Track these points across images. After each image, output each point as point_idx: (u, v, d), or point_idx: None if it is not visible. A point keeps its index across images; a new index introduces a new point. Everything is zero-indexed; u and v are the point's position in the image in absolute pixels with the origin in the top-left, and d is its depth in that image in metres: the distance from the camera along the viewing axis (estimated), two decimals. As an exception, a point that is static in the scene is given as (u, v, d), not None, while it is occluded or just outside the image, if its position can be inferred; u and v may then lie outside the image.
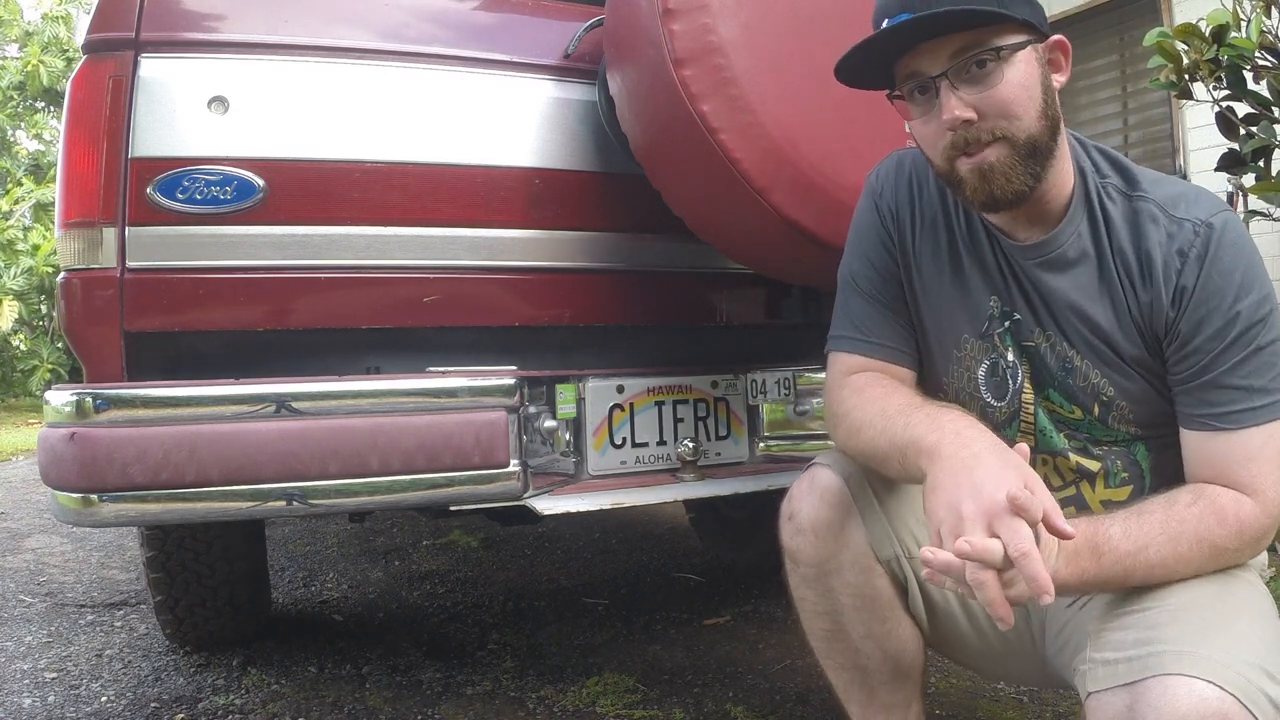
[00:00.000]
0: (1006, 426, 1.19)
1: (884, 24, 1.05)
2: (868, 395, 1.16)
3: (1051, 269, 1.11)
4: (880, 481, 1.20)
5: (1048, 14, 1.09)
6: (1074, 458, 1.16)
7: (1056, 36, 1.07)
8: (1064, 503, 1.17)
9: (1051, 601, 0.87)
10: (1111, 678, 0.91)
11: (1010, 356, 1.16)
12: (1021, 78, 1.03)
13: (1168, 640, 0.90)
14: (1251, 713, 0.84)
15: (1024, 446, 0.98)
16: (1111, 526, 0.97)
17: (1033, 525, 0.88)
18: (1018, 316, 1.15)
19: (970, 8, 0.99)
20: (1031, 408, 1.16)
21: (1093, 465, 1.15)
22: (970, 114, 1.02)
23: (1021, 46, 1.03)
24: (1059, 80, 1.08)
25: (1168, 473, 1.11)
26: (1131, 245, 1.07)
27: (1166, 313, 1.05)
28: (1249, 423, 1.01)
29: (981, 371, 1.19)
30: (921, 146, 1.11)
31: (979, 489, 0.91)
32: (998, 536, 0.88)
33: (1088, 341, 1.10)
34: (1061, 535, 0.90)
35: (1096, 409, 1.12)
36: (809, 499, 1.20)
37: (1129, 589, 1.00)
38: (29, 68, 10.40)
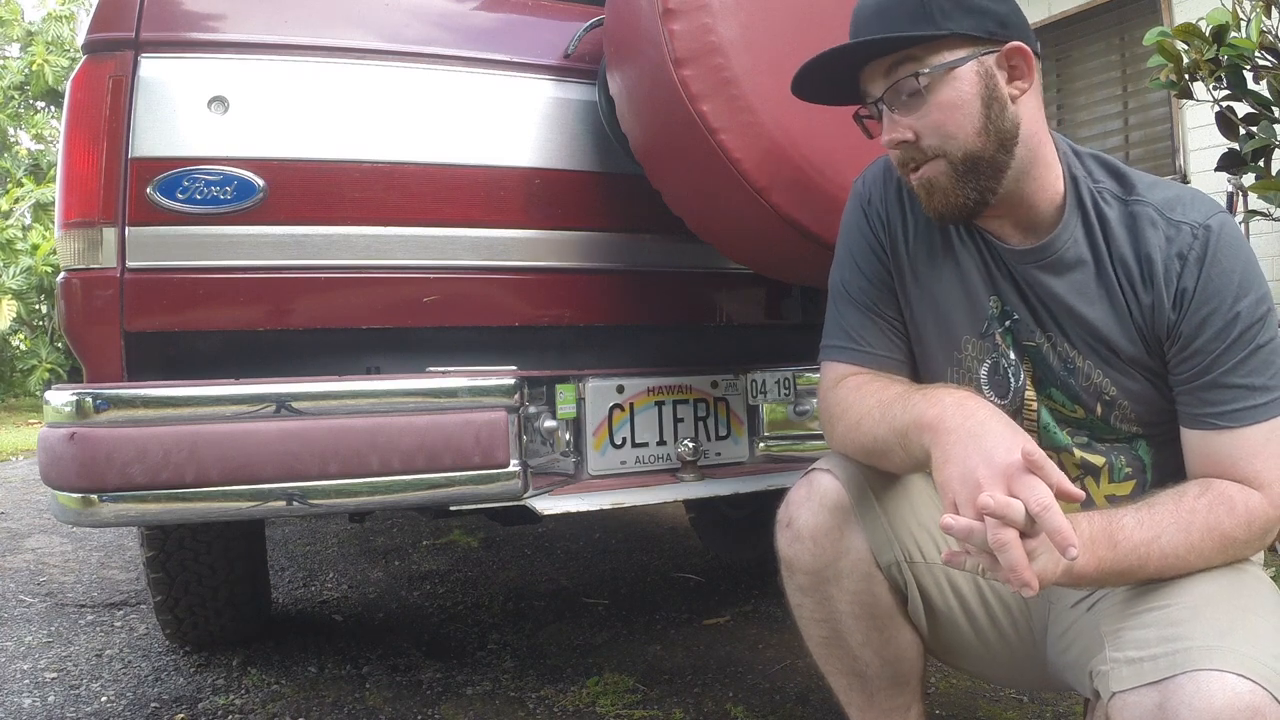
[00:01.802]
0: None
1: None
2: (865, 390, 1.16)
3: (1049, 272, 1.11)
4: (880, 485, 1.19)
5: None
6: (1078, 453, 1.16)
7: (1011, 44, 1.04)
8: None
9: (1076, 556, 0.87)
10: (1137, 676, 0.91)
11: (1012, 355, 1.16)
12: (954, 97, 1.03)
13: (1193, 636, 0.90)
14: None
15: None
16: (1124, 517, 0.98)
17: (1050, 486, 0.89)
18: (1016, 316, 1.15)
19: (885, 35, 1.02)
20: (1034, 404, 1.16)
21: (1097, 460, 1.16)
22: (907, 135, 1.05)
23: (959, 64, 1.03)
24: (1020, 87, 1.06)
25: (1170, 468, 1.12)
26: (1131, 249, 1.08)
27: (1168, 315, 1.05)
28: (1250, 420, 1.02)
29: (984, 371, 1.19)
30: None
31: (990, 454, 0.92)
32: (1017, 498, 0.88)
33: (1088, 343, 1.11)
34: (1071, 498, 0.91)
35: (1099, 409, 1.13)
36: (807, 505, 1.18)
37: (1142, 582, 1.00)
38: (34, 67, 10.40)
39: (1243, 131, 2.10)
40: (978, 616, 1.21)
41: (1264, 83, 2.03)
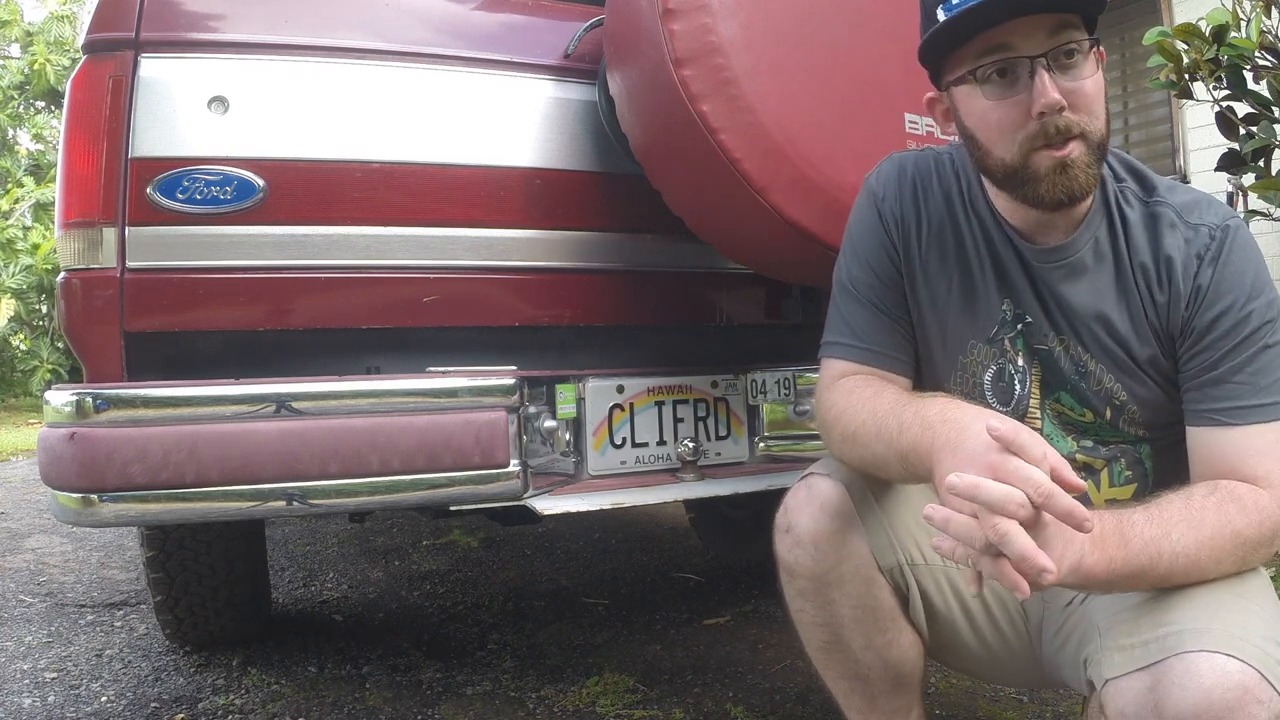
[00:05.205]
0: None
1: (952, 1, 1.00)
2: (857, 397, 1.14)
3: (1069, 273, 1.11)
4: (880, 487, 1.18)
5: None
6: (1080, 458, 1.16)
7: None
8: None
9: (1092, 529, 0.86)
10: (1129, 662, 0.91)
11: (1020, 361, 1.16)
12: (1099, 76, 1.03)
13: (1183, 620, 0.91)
14: (1271, 684, 0.85)
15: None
16: (1134, 513, 0.95)
17: (1034, 462, 0.86)
18: (1029, 319, 1.15)
19: None
20: (1037, 413, 1.17)
21: (1097, 464, 1.16)
22: (1063, 100, 0.99)
23: (1095, 44, 1.02)
24: None
25: (1171, 473, 1.12)
26: (1150, 250, 1.09)
27: (1182, 312, 1.07)
28: (1256, 419, 1.02)
29: (988, 377, 1.19)
30: (985, 133, 1.06)
31: (973, 456, 0.90)
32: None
33: (1103, 346, 1.11)
34: (1072, 488, 0.87)
35: (1109, 412, 1.13)
36: (807, 510, 1.17)
37: (1152, 584, 0.96)
38: (36, 66, 10.40)
39: (1243, 131, 2.10)
40: (977, 617, 1.21)
41: (1264, 83, 2.03)
